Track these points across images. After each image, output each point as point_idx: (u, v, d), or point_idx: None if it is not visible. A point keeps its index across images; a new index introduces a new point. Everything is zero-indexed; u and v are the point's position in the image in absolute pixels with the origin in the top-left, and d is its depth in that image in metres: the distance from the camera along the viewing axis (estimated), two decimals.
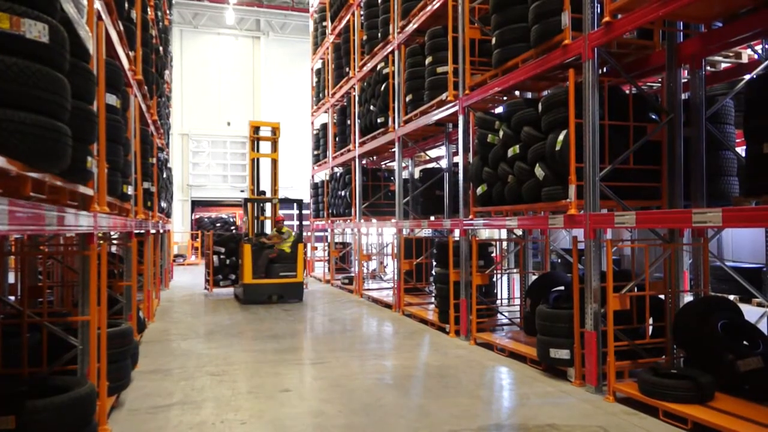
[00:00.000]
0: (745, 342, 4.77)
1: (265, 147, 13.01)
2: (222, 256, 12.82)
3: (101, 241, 3.86)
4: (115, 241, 7.21)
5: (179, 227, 24.95)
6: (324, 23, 15.89)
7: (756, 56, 6.14)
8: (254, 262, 10.83)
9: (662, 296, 5.57)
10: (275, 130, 12.51)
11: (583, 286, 5.26)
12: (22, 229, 2.26)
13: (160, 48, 10.09)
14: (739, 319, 4.94)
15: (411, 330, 8.42)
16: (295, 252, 11.14)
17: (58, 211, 2.74)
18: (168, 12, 13.57)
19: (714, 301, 5.14)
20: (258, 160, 12.53)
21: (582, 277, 5.32)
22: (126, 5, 5.54)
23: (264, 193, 12.37)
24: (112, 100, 4.37)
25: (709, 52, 5.41)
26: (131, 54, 5.95)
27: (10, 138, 2.20)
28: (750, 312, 5.98)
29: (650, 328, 5.66)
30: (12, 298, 5.90)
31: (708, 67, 5.93)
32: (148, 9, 7.72)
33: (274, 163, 12.56)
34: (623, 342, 5.14)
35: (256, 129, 12.54)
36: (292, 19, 27.21)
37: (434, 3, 8.48)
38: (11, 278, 6.41)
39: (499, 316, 8.23)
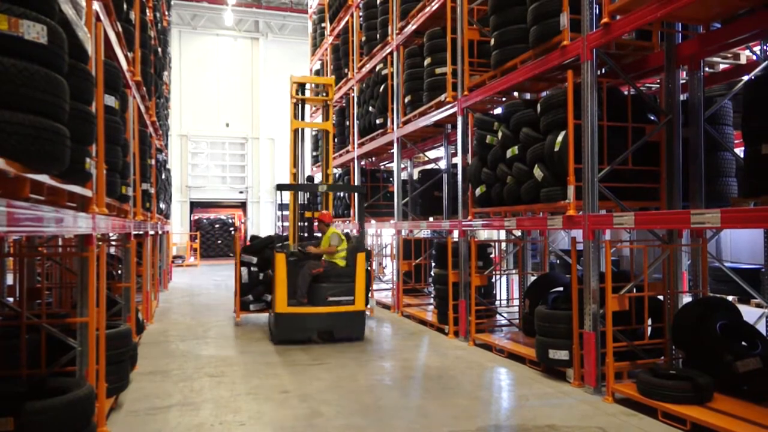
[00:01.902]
0: (743, 343, 4.77)
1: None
2: (253, 269, 8.98)
3: (100, 243, 3.85)
4: (113, 243, 7.21)
5: (178, 228, 24.93)
6: (323, 24, 15.89)
7: (754, 57, 6.15)
8: (290, 280, 7.42)
9: (661, 297, 5.58)
10: (327, 89, 8.94)
11: (582, 287, 5.26)
12: (20, 231, 2.26)
13: (159, 49, 10.09)
14: (738, 320, 4.94)
15: (410, 331, 8.42)
16: (352, 266, 7.59)
17: (57, 212, 2.74)
18: (166, 13, 13.57)
19: (713, 302, 5.14)
20: (302, 133, 8.90)
21: (581, 277, 5.32)
22: (125, 6, 5.54)
23: (312, 179, 8.90)
24: (111, 101, 4.37)
25: (708, 53, 5.41)
26: (130, 55, 5.94)
27: (8, 139, 2.20)
28: (749, 313, 6.00)
29: (649, 329, 5.66)
30: (11, 299, 5.90)
31: (706, 68, 5.93)
32: (147, 10, 7.72)
33: (326, 136, 8.85)
34: (622, 343, 5.14)
35: (300, 87, 8.88)
36: (291, 20, 27.21)
37: (433, 4, 8.49)
38: (9, 280, 6.41)
39: (498, 317, 8.23)
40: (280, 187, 8.05)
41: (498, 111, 8.08)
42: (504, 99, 7.71)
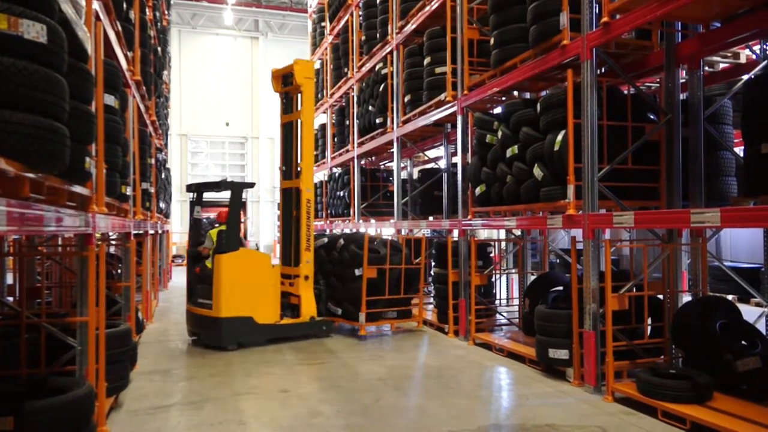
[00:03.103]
0: (743, 342, 4.78)
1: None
2: None
3: (99, 242, 3.85)
4: (113, 242, 7.20)
5: (178, 228, 24.93)
6: (322, 24, 15.88)
7: (754, 57, 6.15)
8: (188, 279, 7.83)
9: (661, 296, 5.58)
10: (294, 74, 7.74)
11: (582, 287, 5.26)
12: (20, 230, 2.26)
13: (159, 48, 10.08)
14: (738, 319, 4.94)
15: (410, 330, 8.41)
16: (213, 269, 7.15)
17: (57, 211, 2.73)
18: (166, 12, 13.56)
19: (712, 301, 5.14)
20: (295, 128, 8.00)
21: (581, 277, 5.32)
22: (124, 6, 5.53)
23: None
24: (111, 100, 4.36)
25: (707, 52, 5.41)
26: (129, 54, 5.94)
27: (8, 139, 2.20)
28: (748, 312, 5.99)
29: (649, 328, 5.66)
30: (10, 299, 5.89)
31: (706, 68, 5.93)
32: (147, 9, 7.71)
33: (295, 127, 7.97)
34: (622, 342, 5.14)
35: (283, 79, 8.05)
36: (291, 19, 27.22)
37: (433, 3, 8.48)
38: (9, 279, 6.41)
39: (497, 316, 8.24)
40: (191, 188, 8.19)
41: (498, 110, 8.08)
42: (504, 98, 7.71)
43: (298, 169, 7.94)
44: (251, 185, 7.96)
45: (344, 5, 13.09)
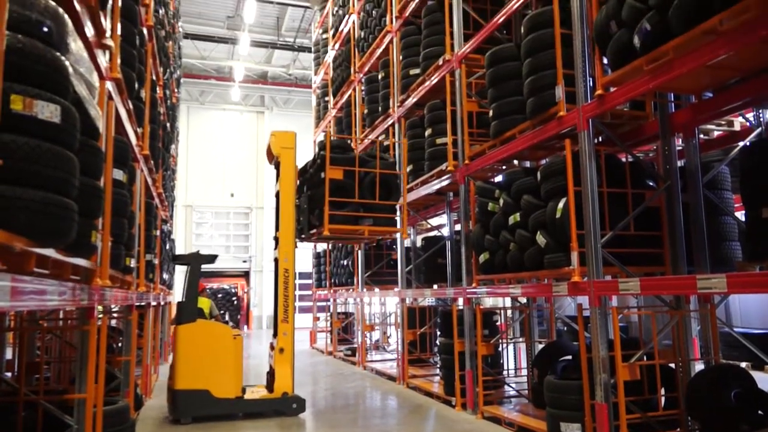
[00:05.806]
0: (759, 411, 4.61)
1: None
2: None
3: (101, 315, 3.82)
4: (115, 315, 7.14)
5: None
6: (326, 98, 16.44)
7: (748, 124, 6.28)
8: None
9: (672, 365, 5.43)
10: (271, 145, 7.95)
11: (591, 355, 5.14)
12: (23, 305, 2.25)
13: (168, 124, 10.40)
14: (753, 388, 4.79)
15: (416, 403, 8.16)
16: None
17: (60, 285, 2.74)
18: (176, 90, 14.08)
19: (725, 369, 5.00)
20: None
21: (589, 345, 5.21)
22: (136, 85, 5.75)
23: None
24: (119, 175, 4.46)
25: (701, 121, 5.54)
26: (139, 131, 6.12)
27: (18, 215, 2.23)
28: (763, 379, 5.81)
29: (663, 398, 5.48)
30: (9, 374, 5.78)
31: (702, 135, 6.05)
32: (157, 88, 8.01)
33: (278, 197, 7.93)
34: (635, 414, 4.96)
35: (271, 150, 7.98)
36: (296, 94, 28.18)
37: (432, 78, 8.80)
38: (8, 354, 6.30)
39: (506, 387, 8.00)
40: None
41: (499, 179, 8.20)
42: (504, 167, 7.84)
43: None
44: (212, 258, 7.94)
45: (347, 81, 13.59)
